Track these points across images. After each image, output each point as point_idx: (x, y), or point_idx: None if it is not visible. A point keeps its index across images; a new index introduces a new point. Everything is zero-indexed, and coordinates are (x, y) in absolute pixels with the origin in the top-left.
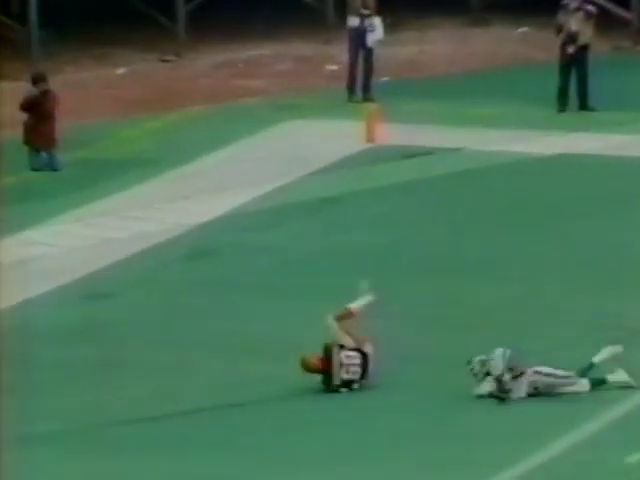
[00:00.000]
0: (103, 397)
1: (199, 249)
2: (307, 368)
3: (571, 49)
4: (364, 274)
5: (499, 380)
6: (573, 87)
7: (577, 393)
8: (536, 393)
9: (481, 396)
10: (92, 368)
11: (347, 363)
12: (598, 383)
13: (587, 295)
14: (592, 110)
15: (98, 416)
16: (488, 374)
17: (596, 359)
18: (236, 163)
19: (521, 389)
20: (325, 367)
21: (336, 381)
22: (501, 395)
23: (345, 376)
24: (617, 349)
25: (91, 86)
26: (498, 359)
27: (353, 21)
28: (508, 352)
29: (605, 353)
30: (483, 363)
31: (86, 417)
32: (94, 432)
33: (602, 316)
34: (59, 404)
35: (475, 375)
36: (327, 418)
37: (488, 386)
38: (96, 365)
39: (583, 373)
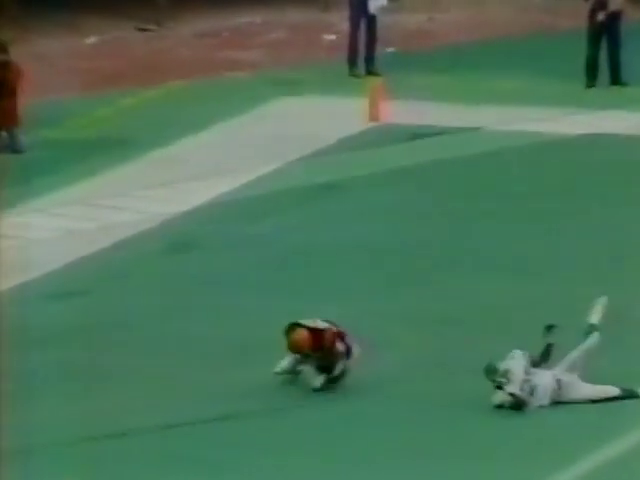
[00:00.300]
0: (78, 409)
1: (180, 242)
2: (296, 345)
3: (601, 16)
4: (366, 271)
5: (524, 381)
6: (603, 59)
7: (605, 400)
8: (559, 395)
9: (501, 405)
10: (62, 377)
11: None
12: (629, 396)
13: (620, 293)
14: (625, 85)
15: (74, 430)
16: (509, 377)
17: (593, 320)
18: (222, 145)
19: (546, 388)
20: (318, 341)
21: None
22: (522, 400)
23: (335, 328)
24: (603, 301)
25: (58, 57)
26: (519, 359)
27: None
28: (527, 354)
29: (597, 311)
30: (503, 365)
31: (62, 431)
32: (71, 447)
33: (637, 318)
34: (30, 416)
35: (494, 379)
36: (322, 431)
37: (509, 389)
38: (66, 373)
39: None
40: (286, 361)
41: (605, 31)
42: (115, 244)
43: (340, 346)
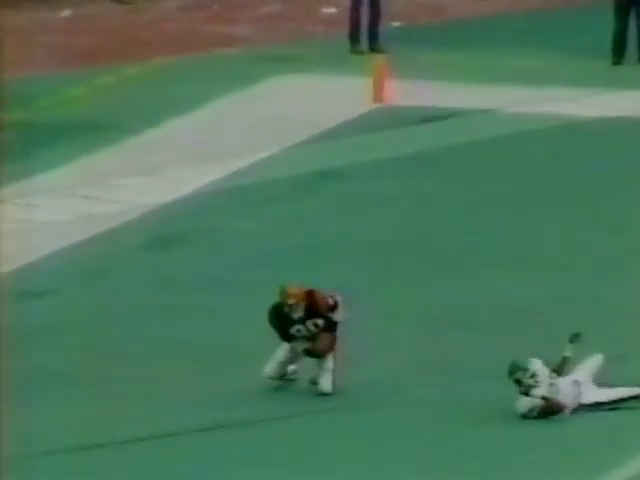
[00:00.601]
0: (42, 420)
1: (162, 236)
2: (293, 295)
3: None
4: (368, 267)
5: (550, 384)
6: (631, 34)
7: (629, 399)
8: (580, 398)
9: (528, 413)
10: (28, 384)
11: None
12: None
13: None
14: None
15: (33, 443)
16: (537, 379)
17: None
18: (211, 129)
19: (568, 393)
20: (311, 300)
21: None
22: (559, 404)
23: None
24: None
25: (30, 32)
26: (539, 363)
27: None
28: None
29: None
30: (529, 367)
31: (40, 441)
32: (50, 458)
33: None
34: (6, 425)
35: (520, 380)
36: (322, 444)
37: (540, 393)
38: (33, 380)
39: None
40: (274, 362)
41: (633, 4)
42: (90, 238)
43: (339, 315)
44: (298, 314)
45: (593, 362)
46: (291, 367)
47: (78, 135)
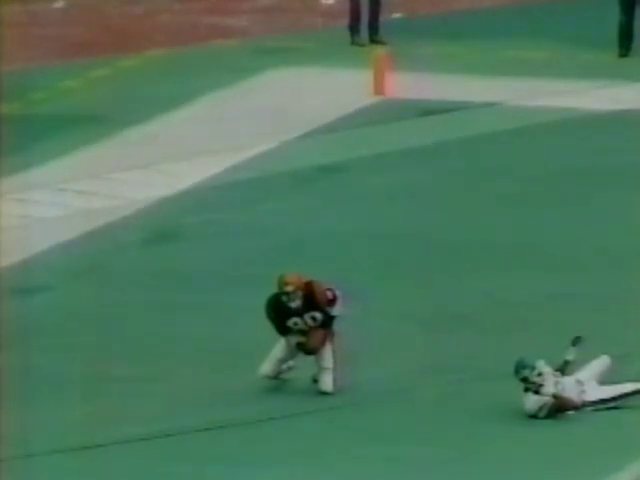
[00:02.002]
0: (31, 420)
1: (160, 231)
2: (289, 281)
3: None
4: (369, 263)
5: (556, 382)
6: (638, 25)
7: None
8: (583, 396)
9: (539, 411)
10: (20, 383)
11: None
12: None
13: None
14: None
15: (23, 444)
16: (542, 378)
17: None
18: (208, 122)
19: (572, 391)
20: (308, 289)
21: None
22: (571, 402)
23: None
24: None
25: (22, 23)
26: (542, 363)
27: None
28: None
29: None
30: (536, 365)
31: (30, 442)
32: (41, 459)
33: None
34: None
35: (527, 378)
36: (322, 444)
37: (549, 391)
38: (25, 379)
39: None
40: (271, 360)
41: None
42: (86, 234)
43: (336, 309)
44: (296, 303)
45: (598, 363)
46: (289, 362)
47: (74, 128)
